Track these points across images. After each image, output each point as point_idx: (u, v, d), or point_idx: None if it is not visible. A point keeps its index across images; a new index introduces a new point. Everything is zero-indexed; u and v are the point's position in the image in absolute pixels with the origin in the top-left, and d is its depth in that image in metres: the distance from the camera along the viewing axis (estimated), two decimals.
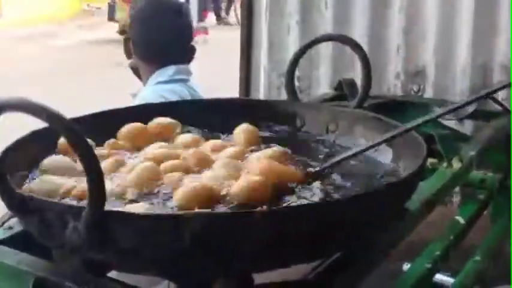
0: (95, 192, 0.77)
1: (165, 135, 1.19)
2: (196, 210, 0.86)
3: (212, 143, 1.15)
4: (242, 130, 1.19)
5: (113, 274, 0.95)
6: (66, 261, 0.91)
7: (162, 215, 0.79)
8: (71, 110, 1.01)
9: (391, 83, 2.33)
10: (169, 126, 1.21)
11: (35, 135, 1.09)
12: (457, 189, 2.07)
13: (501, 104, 2.02)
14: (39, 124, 0.83)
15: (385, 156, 1.20)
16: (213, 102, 1.39)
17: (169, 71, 2.44)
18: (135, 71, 2.53)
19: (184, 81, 2.48)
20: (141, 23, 2.43)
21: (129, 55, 2.54)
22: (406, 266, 1.73)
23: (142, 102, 2.23)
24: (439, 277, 1.68)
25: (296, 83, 1.46)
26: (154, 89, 2.41)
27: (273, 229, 0.82)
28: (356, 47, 1.27)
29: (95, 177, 0.77)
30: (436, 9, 2.22)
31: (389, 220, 1.04)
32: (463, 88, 2.19)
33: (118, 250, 0.82)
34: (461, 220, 1.54)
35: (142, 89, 2.47)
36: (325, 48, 2.36)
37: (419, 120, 1.08)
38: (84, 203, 0.80)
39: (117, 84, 5.65)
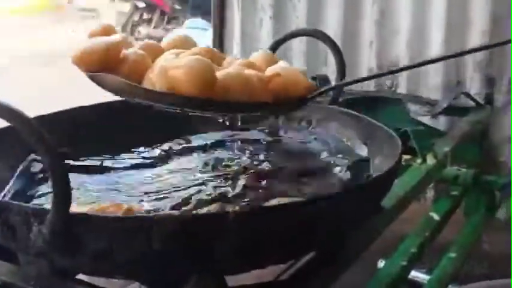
0: (60, 195, 0.74)
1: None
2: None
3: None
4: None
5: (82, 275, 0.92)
6: (32, 265, 0.88)
7: (131, 217, 0.76)
8: None
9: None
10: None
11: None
12: (430, 184, 2.07)
13: (474, 100, 2.03)
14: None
15: (360, 152, 1.19)
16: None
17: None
18: None
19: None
20: None
21: None
22: (381, 263, 1.73)
23: None
24: (414, 274, 1.68)
25: None
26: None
27: (246, 230, 0.80)
28: (330, 42, 1.24)
29: (60, 179, 0.74)
30: (409, 3, 2.21)
31: (365, 218, 1.02)
32: (436, 83, 2.18)
33: (85, 253, 0.79)
34: (436, 216, 1.53)
35: None
36: (298, 43, 2.34)
37: None
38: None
39: None
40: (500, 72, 2.09)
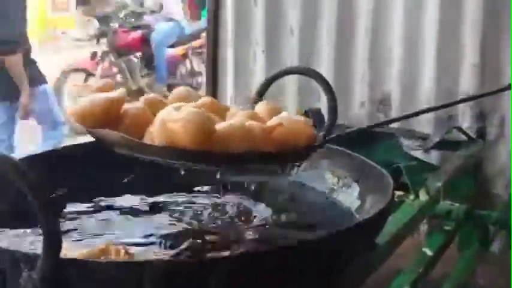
0: (50, 239, 0.74)
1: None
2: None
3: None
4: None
5: None
6: None
7: (123, 262, 0.76)
8: None
9: (357, 111, 2.32)
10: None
11: None
12: (423, 220, 2.06)
13: (466, 134, 2.04)
14: None
15: (352, 190, 1.19)
16: None
17: None
18: None
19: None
20: None
21: None
22: None
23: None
24: None
25: None
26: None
27: (240, 273, 0.80)
28: (322, 80, 1.25)
29: (50, 222, 0.73)
30: (401, 37, 2.23)
31: (358, 257, 1.02)
32: (428, 117, 2.19)
33: None
34: (429, 252, 1.53)
35: None
36: (292, 80, 2.34)
37: None
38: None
39: None
40: (492, 106, 2.10)
